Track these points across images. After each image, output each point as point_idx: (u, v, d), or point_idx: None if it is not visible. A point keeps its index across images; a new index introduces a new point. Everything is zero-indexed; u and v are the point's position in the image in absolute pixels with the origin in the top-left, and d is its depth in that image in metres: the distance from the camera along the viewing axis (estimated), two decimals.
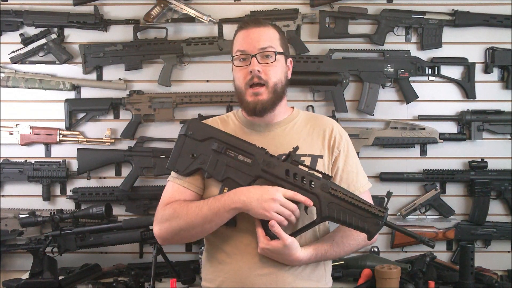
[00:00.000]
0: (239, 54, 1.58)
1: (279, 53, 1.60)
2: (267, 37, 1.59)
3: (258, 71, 1.55)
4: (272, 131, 1.64)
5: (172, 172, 1.63)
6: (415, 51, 2.70)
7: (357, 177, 1.65)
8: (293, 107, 1.74)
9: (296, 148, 1.46)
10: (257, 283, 1.51)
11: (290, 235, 1.46)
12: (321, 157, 1.61)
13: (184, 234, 1.53)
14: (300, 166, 1.48)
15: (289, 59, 1.69)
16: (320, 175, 1.46)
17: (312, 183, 1.42)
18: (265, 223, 1.44)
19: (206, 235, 1.59)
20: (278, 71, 1.59)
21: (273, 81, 1.57)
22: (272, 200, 1.36)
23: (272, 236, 1.44)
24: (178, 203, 1.53)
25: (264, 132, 1.63)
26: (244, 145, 1.50)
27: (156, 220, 1.55)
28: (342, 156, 1.64)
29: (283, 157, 1.48)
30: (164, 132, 2.69)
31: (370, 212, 1.36)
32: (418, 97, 2.67)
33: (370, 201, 1.64)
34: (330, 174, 1.61)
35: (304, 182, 1.42)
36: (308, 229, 1.47)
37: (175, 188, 1.58)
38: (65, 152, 2.69)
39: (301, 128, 1.66)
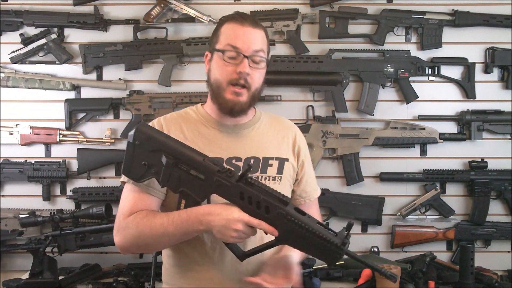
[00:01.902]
0: (231, 50, 1.49)
1: (267, 59, 1.55)
2: (261, 41, 1.54)
3: (247, 74, 1.49)
4: (239, 132, 1.58)
5: None
6: (415, 51, 2.70)
7: (314, 179, 1.71)
8: (254, 108, 1.67)
9: (250, 166, 1.34)
10: None
11: (244, 256, 1.39)
12: (287, 160, 1.60)
13: (150, 248, 1.52)
14: (256, 182, 1.35)
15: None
16: (278, 196, 1.33)
17: (269, 208, 1.31)
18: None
19: None
20: (261, 77, 1.55)
21: (255, 87, 1.52)
22: (234, 230, 1.30)
23: (231, 248, 1.38)
24: (140, 216, 1.44)
25: (231, 134, 1.57)
26: (195, 161, 1.38)
27: (118, 230, 1.47)
28: (306, 163, 1.67)
29: (238, 175, 1.35)
30: None
31: (331, 242, 1.26)
32: (418, 97, 2.67)
33: (317, 206, 1.71)
34: (296, 178, 1.63)
35: (260, 207, 1.31)
36: (265, 250, 1.39)
37: (136, 194, 1.49)
38: (65, 152, 2.69)
39: (266, 129, 1.62)
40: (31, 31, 2.66)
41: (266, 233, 1.33)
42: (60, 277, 2.33)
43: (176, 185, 1.40)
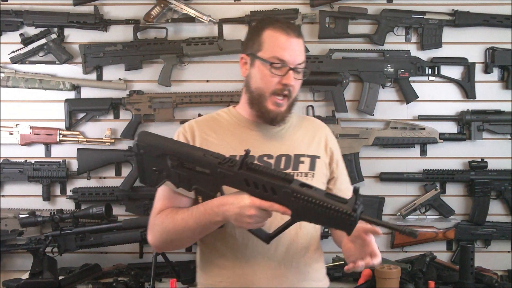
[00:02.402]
0: (277, 62, 1.51)
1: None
2: (303, 51, 1.57)
3: (292, 85, 1.53)
4: (270, 131, 1.61)
5: None
6: (415, 51, 2.70)
7: (347, 175, 1.73)
8: None
9: (248, 151, 1.35)
10: (263, 285, 1.50)
11: (270, 238, 1.41)
12: (319, 157, 1.62)
13: (176, 244, 1.54)
14: (258, 166, 1.38)
15: None
16: (281, 176, 1.35)
17: (275, 190, 1.34)
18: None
19: None
20: (299, 86, 1.59)
21: (294, 96, 1.57)
22: (249, 216, 1.33)
23: (255, 233, 1.40)
24: (165, 213, 1.50)
25: (263, 132, 1.61)
26: (196, 158, 1.41)
27: (149, 228, 1.53)
28: (337, 154, 1.69)
29: (239, 163, 1.36)
30: (164, 132, 2.61)
31: (340, 211, 1.27)
32: (418, 97, 2.67)
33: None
34: (333, 176, 1.64)
35: (266, 190, 1.34)
36: (284, 230, 1.40)
37: (166, 194, 1.54)
38: (65, 152, 2.69)
39: (297, 128, 1.66)
40: (31, 31, 2.66)
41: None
42: (60, 277, 2.33)
43: (188, 184, 1.43)
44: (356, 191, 1.27)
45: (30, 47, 2.65)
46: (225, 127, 1.61)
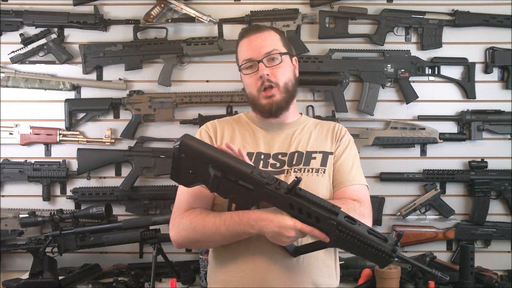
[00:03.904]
0: (245, 63, 1.64)
1: (284, 53, 1.65)
2: (270, 41, 1.64)
3: (267, 74, 1.60)
4: (285, 131, 1.69)
5: None
6: (415, 51, 2.70)
7: (350, 170, 1.65)
8: (301, 113, 1.80)
9: (299, 179, 1.34)
10: (276, 280, 1.51)
11: (300, 252, 1.44)
12: (331, 153, 1.66)
13: (201, 245, 1.64)
14: (305, 193, 1.37)
15: (294, 58, 1.73)
16: (327, 207, 1.34)
17: (319, 218, 1.33)
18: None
19: None
20: (286, 71, 1.64)
21: (283, 81, 1.63)
22: (287, 237, 1.36)
23: (288, 249, 1.44)
24: (194, 214, 1.52)
25: (277, 131, 1.68)
26: (244, 174, 1.39)
27: (173, 225, 1.55)
28: (341, 147, 1.68)
29: (286, 188, 1.36)
30: (164, 132, 2.69)
31: (381, 250, 1.30)
32: (418, 97, 2.67)
33: (367, 196, 1.63)
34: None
35: (310, 217, 1.34)
36: (317, 250, 1.43)
37: (191, 190, 1.55)
38: (65, 152, 2.69)
39: (311, 129, 1.72)
40: (31, 31, 2.66)
41: None
42: (60, 277, 2.33)
43: (225, 193, 1.44)
44: (399, 236, 1.30)
45: (30, 47, 2.65)
46: (243, 127, 1.71)
